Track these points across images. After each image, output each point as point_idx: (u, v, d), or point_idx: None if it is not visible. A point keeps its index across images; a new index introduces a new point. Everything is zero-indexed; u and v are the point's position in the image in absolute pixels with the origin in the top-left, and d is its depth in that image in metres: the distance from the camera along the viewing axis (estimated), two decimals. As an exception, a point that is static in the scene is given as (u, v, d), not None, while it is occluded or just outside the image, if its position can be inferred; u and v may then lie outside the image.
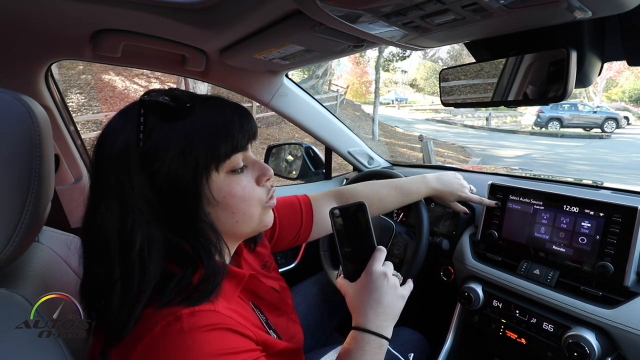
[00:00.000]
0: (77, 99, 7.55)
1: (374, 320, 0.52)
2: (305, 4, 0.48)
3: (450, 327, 0.96)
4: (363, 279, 0.55)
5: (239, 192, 0.49)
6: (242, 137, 0.48)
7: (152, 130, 0.43)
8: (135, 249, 0.41)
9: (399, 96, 26.72)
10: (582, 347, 0.66)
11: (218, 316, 0.42)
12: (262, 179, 0.52)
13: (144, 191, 0.43)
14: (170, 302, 0.41)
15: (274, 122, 9.48)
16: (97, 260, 0.43)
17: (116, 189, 0.42)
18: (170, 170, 0.43)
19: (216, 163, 0.46)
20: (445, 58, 30.65)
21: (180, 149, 0.43)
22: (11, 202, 0.41)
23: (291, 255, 1.39)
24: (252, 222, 0.52)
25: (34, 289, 0.50)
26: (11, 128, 0.42)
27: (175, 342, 0.38)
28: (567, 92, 0.52)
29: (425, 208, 0.95)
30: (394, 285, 0.55)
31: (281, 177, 1.55)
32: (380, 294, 0.53)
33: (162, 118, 0.44)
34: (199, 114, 0.45)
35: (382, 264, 0.56)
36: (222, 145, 0.45)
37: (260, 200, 0.52)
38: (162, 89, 0.48)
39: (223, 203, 0.47)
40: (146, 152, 0.42)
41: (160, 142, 0.43)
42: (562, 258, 0.77)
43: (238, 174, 0.49)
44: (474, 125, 16.39)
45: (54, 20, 0.69)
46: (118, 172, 0.42)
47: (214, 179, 0.46)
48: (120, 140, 0.43)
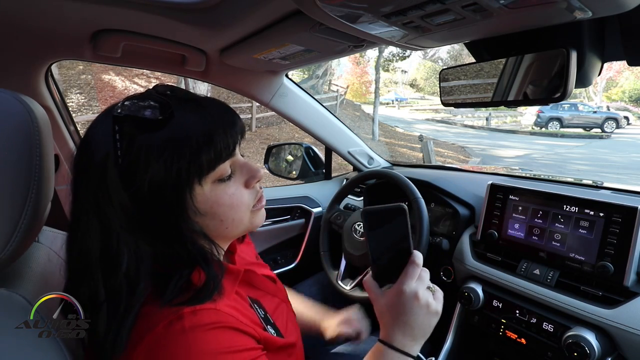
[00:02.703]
0: (77, 99, 7.55)
1: (401, 340, 0.49)
2: (305, 4, 0.48)
3: (450, 327, 0.96)
4: (393, 296, 0.50)
5: (226, 200, 0.47)
6: (226, 146, 0.45)
7: (130, 144, 0.40)
8: (122, 270, 0.40)
9: (399, 96, 26.71)
10: (582, 347, 0.66)
11: (219, 314, 0.42)
12: (252, 182, 0.50)
13: (126, 208, 0.41)
14: (172, 302, 0.40)
15: (274, 122, 9.47)
16: (80, 281, 0.41)
17: (95, 207, 0.40)
18: (151, 186, 0.41)
19: (199, 176, 0.43)
20: (445, 58, 30.67)
21: (161, 164, 0.41)
22: (11, 202, 0.41)
23: (291, 255, 1.39)
24: (242, 226, 0.51)
25: (34, 289, 0.49)
26: (11, 128, 0.41)
27: (177, 341, 0.38)
28: (567, 92, 0.52)
29: (425, 208, 0.95)
30: (426, 305, 0.49)
31: (281, 177, 1.55)
32: (410, 317, 0.49)
33: (140, 129, 0.41)
34: (178, 122, 0.42)
35: (416, 280, 0.50)
36: (204, 158, 0.43)
37: (248, 206, 0.50)
38: (138, 93, 0.45)
39: (210, 212, 0.46)
40: (126, 169, 0.40)
41: (139, 157, 0.40)
42: (562, 258, 0.77)
43: (225, 182, 0.47)
44: (474, 125, 16.39)
45: (54, 20, 0.69)
46: (97, 189, 0.40)
47: (197, 192, 0.44)
48: (99, 156, 0.40)
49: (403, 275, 0.50)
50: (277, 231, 1.34)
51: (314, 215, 1.39)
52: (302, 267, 1.36)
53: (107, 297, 0.40)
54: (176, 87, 0.49)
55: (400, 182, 1.00)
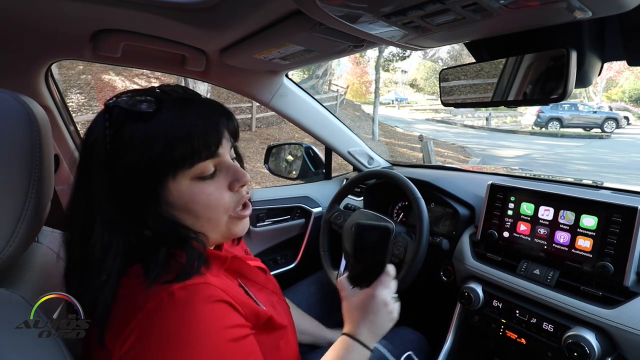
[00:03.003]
0: (77, 99, 7.55)
1: (365, 336, 0.58)
2: (305, 4, 0.48)
3: (450, 327, 0.96)
4: (365, 298, 0.60)
5: (202, 199, 0.47)
6: (206, 145, 0.46)
7: (119, 131, 0.44)
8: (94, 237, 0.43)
9: (399, 96, 26.72)
10: (582, 347, 0.66)
11: (211, 288, 0.42)
12: (235, 185, 0.50)
13: (104, 186, 0.44)
14: (158, 280, 0.41)
15: (274, 122, 9.47)
16: (68, 250, 0.46)
17: (82, 182, 0.45)
18: (125, 171, 0.44)
19: (173, 171, 0.45)
20: (445, 58, 30.65)
21: (138, 153, 0.44)
22: (11, 202, 0.41)
23: (291, 255, 1.39)
24: (219, 229, 0.51)
25: (34, 289, 0.49)
26: (11, 128, 0.42)
27: (172, 318, 0.38)
28: (567, 92, 0.52)
29: (425, 208, 0.95)
30: (390, 311, 0.60)
31: (281, 177, 1.55)
32: (377, 318, 0.59)
33: (129, 119, 0.44)
34: (163, 118, 0.45)
35: (387, 288, 0.60)
36: (178, 154, 0.45)
37: (227, 209, 0.50)
38: (141, 88, 0.49)
39: (185, 208, 0.47)
40: (110, 151, 0.44)
41: (122, 143, 0.44)
42: (562, 258, 0.77)
43: (205, 181, 0.48)
44: (474, 125, 16.38)
45: (54, 20, 0.69)
46: (84, 166, 0.45)
47: (171, 185, 0.46)
48: (91, 138, 0.45)
49: (378, 282, 0.60)
50: (277, 231, 1.34)
51: (314, 215, 1.39)
52: (302, 267, 1.36)
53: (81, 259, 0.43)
54: (181, 86, 0.50)
55: (400, 182, 0.99)
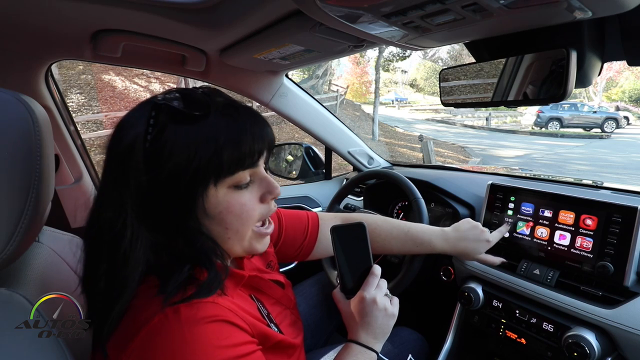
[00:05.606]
0: (77, 99, 7.55)
1: (365, 337, 0.58)
2: (305, 4, 0.48)
3: (450, 327, 0.96)
4: (357, 303, 0.58)
5: (236, 209, 0.47)
6: (251, 153, 0.46)
7: (161, 132, 0.42)
8: (122, 247, 0.41)
9: (399, 96, 26.70)
10: (582, 347, 0.66)
11: (217, 307, 0.42)
12: (267, 198, 0.50)
13: (140, 191, 0.42)
14: (173, 297, 0.40)
15: (274, 122, 9.47)
16: (90, 254, 0.44)
17: (115, 182, 0.42)
18: (169, 176, 0.42)
19: (215, 179, 0.44)
20: (445, 58, 30.63)
21: (184, 158, 0.42)
22: (11, 202, 0.41)
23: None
24: (242, 243, 0.50)
25: (34, 289, 0.50)
26: (11, 128, 0.41)
27: (174, 334, 0.38)
28: (567, 92, 0.52)
29: (425, 208, 0.95)
30: (383, 309, 0.58)
31: (281, 177, 1.55)
32: (370, 319, 0.57)
33: (174, 120, 0.42)
34: (211, 123, 0.43)
35: (375, 288, 0.59)
36: (225, 162, 0.43)
37: (255, 222, 0.50)
38: (181, 88, 0.47)
39: (218, 218, 0.46)
40: (151, 153, 0.42)
41: (166, 146, 0.42)
42: (562, 258, 0.77)
43: (240, 190, 0.47)
44: (474, 125, 16.38)
45: (54, 20, 0.69)
46: (119, 166, 0.42)
47: (211, 193, 0.45)
48: (130, 136, 0.42)
49: (364, 284, 0.59)
50: (277, 231, 1.34)
51: (314, 215, 1.38)
52: (302, 266, 1.36)
53: (106, 271, 0.41)
54: (219, 90, 0.50)
55: (400, 182, 1.00)
